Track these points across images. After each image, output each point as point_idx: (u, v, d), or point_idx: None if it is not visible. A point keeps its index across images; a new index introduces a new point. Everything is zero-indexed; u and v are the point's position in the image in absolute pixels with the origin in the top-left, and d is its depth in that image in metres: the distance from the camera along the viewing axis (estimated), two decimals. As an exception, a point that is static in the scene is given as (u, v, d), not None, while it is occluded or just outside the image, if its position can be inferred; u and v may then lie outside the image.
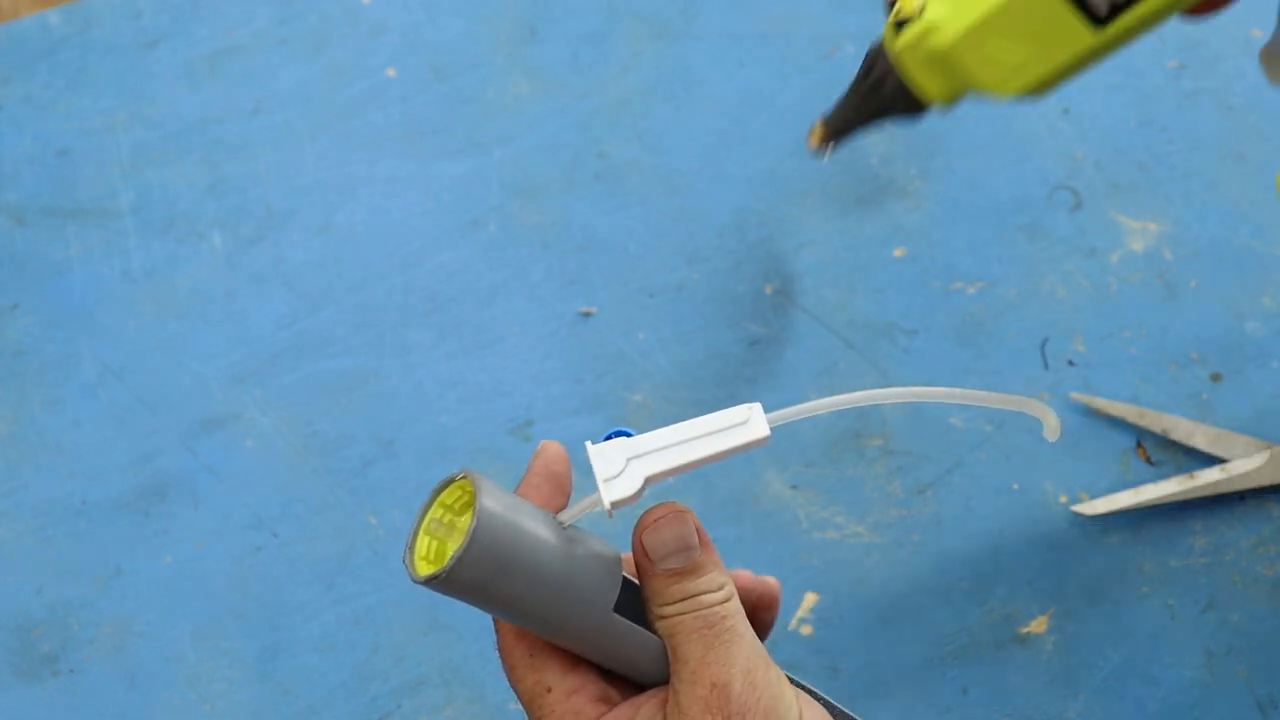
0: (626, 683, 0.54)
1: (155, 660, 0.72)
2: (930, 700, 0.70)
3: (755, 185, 0.85)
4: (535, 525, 0.51)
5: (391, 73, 0.89)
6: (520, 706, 0.54)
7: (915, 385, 0.53)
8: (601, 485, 0.51)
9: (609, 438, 0.52)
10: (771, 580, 0.60)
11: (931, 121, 0.87)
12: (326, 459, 0.77)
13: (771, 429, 0.52)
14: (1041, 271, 0.82)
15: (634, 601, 0.54)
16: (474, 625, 0.73)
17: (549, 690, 0.53)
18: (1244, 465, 0.75)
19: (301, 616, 0.73)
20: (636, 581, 0.55)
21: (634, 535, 0.53)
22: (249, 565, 0.75)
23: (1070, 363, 0.79)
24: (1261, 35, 0.90)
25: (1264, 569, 0.74)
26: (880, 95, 0.45)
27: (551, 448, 0.56)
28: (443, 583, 0.49)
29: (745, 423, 0.51)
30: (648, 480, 0.51)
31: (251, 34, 0.91)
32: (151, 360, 0.80)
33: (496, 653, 0.72)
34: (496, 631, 0.54)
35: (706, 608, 0.52)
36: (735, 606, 0.53)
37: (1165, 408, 0.77)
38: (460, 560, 0.48)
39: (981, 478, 0.76)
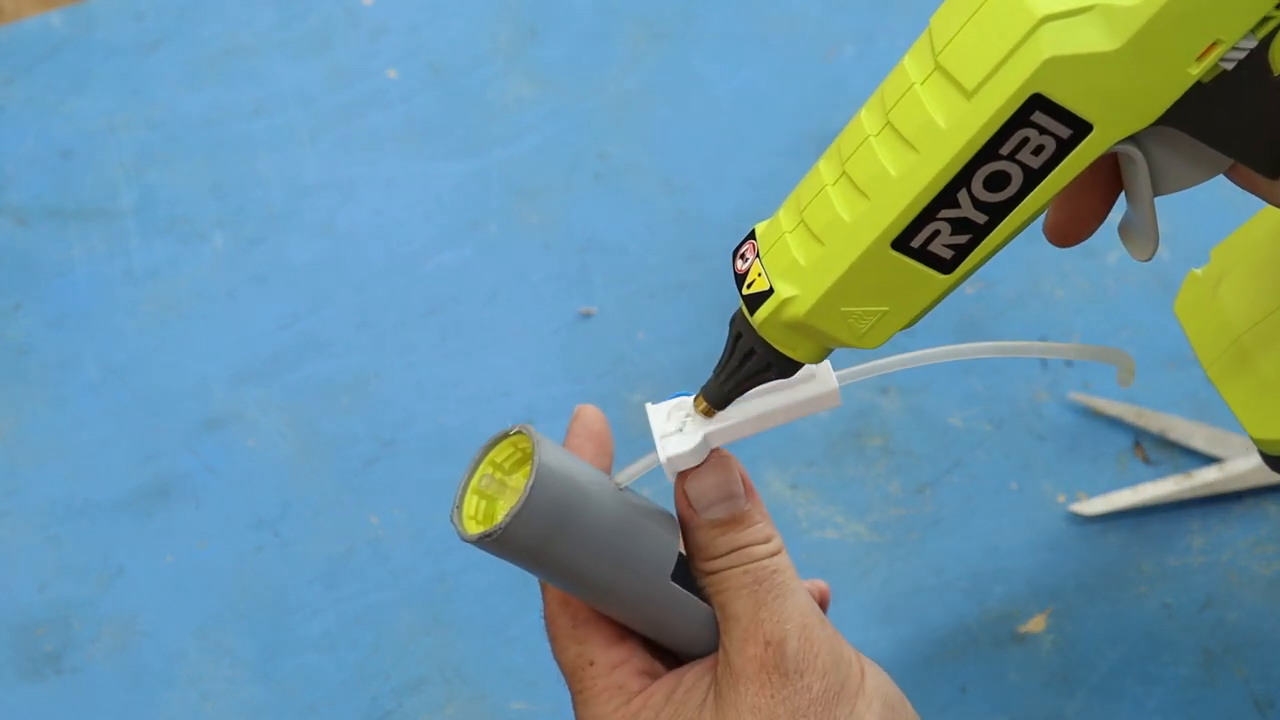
0: (671, 656, 0.52)
1: (157, 659, 0.73)
2: (929, 699, 0.70)
3: (755, 185, 0.86)
4: (593, 485, 0.48)
5: (392, 74, 0.90)
6: (522, 707, 0.54)
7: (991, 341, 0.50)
8: (659, 441, 0.48)
9: (675, 396, 0.49)
10: (822, 584, 0.58)
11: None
12: (327, 458, 0.78)
13: (840, 387, 0.48)
14: (1040, 272, 0.82)
15: (682, 566, 0.51)
16: (475, 624, 0.73)
17: (591, 664, 0.50)
18: (1241, 465, 0.75)
19: (303, 615, 0.74)
20: (683, 551, 0.52)
21: (675, 485, 0.50)
22: (250, 564, 0.75)
23: (1068, 363, 0.79)
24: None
25: (1261, 568, 0.74)
26: (752, 363, 0.47)
27: (588, 410, 0.53)
28: (495, 542, 0.46)
29: (812, 379, 0.48)
30: (707, 439, 0.48)
31: (253, 35, 0.91)
32: (153, 360, 0.81)
33: (501, 650, 0.73)
34: (543, 598, 0.52)
35: (756, 560, 0.49)
36: (785, 561, 0.50)
37: (1163, 407, 0.78)
38: (516, 517, 0.46)
39: (980, 477, 0.76)
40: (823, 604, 0.57)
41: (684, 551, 0.51)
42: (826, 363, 0.48)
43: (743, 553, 0.49)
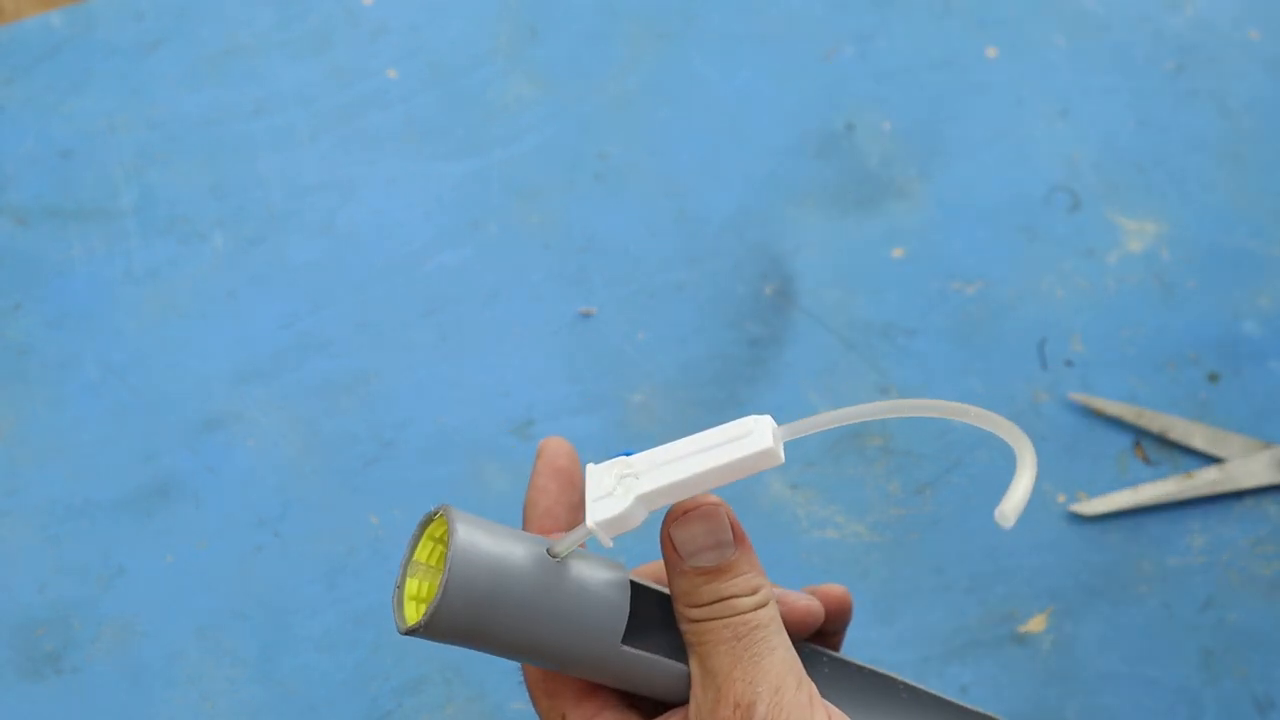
0: (648, 702, 0.51)
1: (157, 659, 0.73)
2: (929, 699, 0.70)
3: (755, 185, 0.86)
4: (522, 559, 0.46)
5: (392, 74, 0.90)
6: (522, 707, 0.55)
7: (923, 399, 0.48)
8: (589, 505, 0.47)
9: (617, 457, 0.48)
10: (836, 591, 0.56)
11: (931, 122, 0.87)
12: (328, 458, 0.78)
13: (784, 443, 0.46)
14: (1040, 272, 0.82)
15: (660, 605, 0.50)
16: (474, 624, 0.73)
17: (563, 717, 0.50)
18: (1242, 465, 0.75)
19: (303, 615, 0.74)
20: (660, 589, 0.50)
21: (662, 527, 0.49)
22: (250, 564, 0.75)
23: (1068, 363, 0.79)
24: (1259, 37, 0.90)
25: (1262, 568, 0.74)
26: None
27: (552, 443, 0.53)
28: (425, 632, 0.46)
29: (749, 435, 0.46)
30: (641, 499, 0.46)
31: (253, 35, 0.91)
32: (153, 360, 0.81)
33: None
34: None
35: (737, 614, 0.48)
36: (770, 614, 0.48)
37: (1163, 407, 0.78)
38: (436, 612, 0.45)
39: (980, 477, 0.76)
40: (843, 612, 0.55)
41: (650, 600, 0.50)
42: (766, 419, 0.46)
43: (726, 604, 0.48)
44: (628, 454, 0.48)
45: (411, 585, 0.48)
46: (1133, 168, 0.86)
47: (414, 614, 0.47)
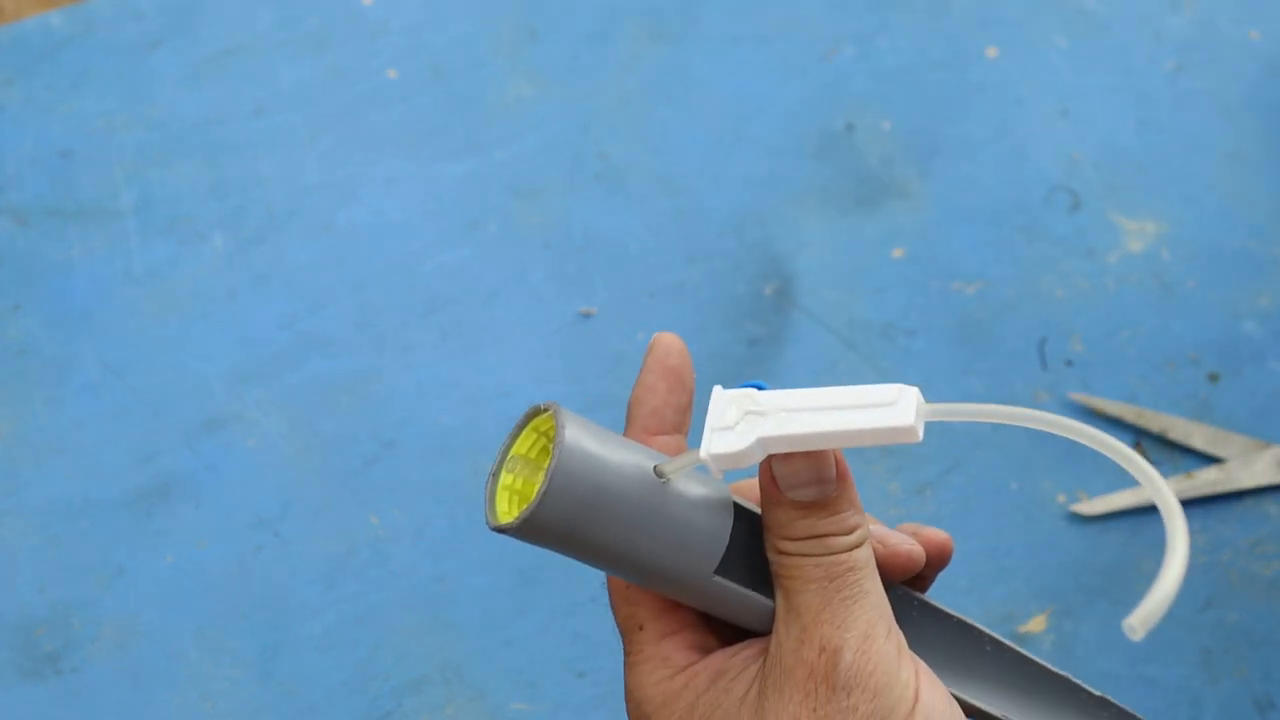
0: (728, 628, 0.48)
1: (157, 659, 0.73)
2: (929, 699, 0.70)
3: (755, 185, 0.86)
4: (628, 470, 0.44)
5: (392, 74, 0.90)
6: (522, 707, 0.54)
7: (1093, 429, 0.43)
8: (707, 434, 0.44)
9: (746, 386, 0.45)
10: (938, 536, 0.52)
11: (931, 122, 0.87)
12: (328, 458, 0.78)
13: (924, 423, 0.43)
14: (1040, 272, 0.82)
15: (753, 532, 0.47)
16: (475, 624, 0.73)
17: (641, 628, 0.47)
18: (1242, 465, 0.75)
19: (303, 615, 0.74)
20: (757, 511, 0.47)
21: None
22: (250, 564, 0.75)
23: (1068, 363, 0.79)
24: (1259, 37, 0.90)
25: (1262, 568, 0.74)
26: None
27: (664, 339, 0.49)
28: (518, 531, 0.43)
29: (890, 405, 0.43)
30: (762, 442, 0.43)
31: (253, 35, 0.91)
32: (153, 360, 0.81)
33: (501, 650, 0.73)
34: None
35: (832, 554, 0.45)
36: (866, 556, 0.45)
37: (1163, 408, 0.78)
38: (535, 511, 0.42)
39: (980, 477, 0.76)
40: (941, 558, 0.52)
41: (734, 535, 0.47)
42: (913, 391, 0.43)
43: (820, 541, 0.45)
44: (759, 387, 0.45)
45: (507, 479, 0.45)
46: (1133, 168, 0.86)
47: (508, 509, 0.45)
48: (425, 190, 0.86)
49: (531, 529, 0.43)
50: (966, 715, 0.47)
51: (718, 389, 0.45)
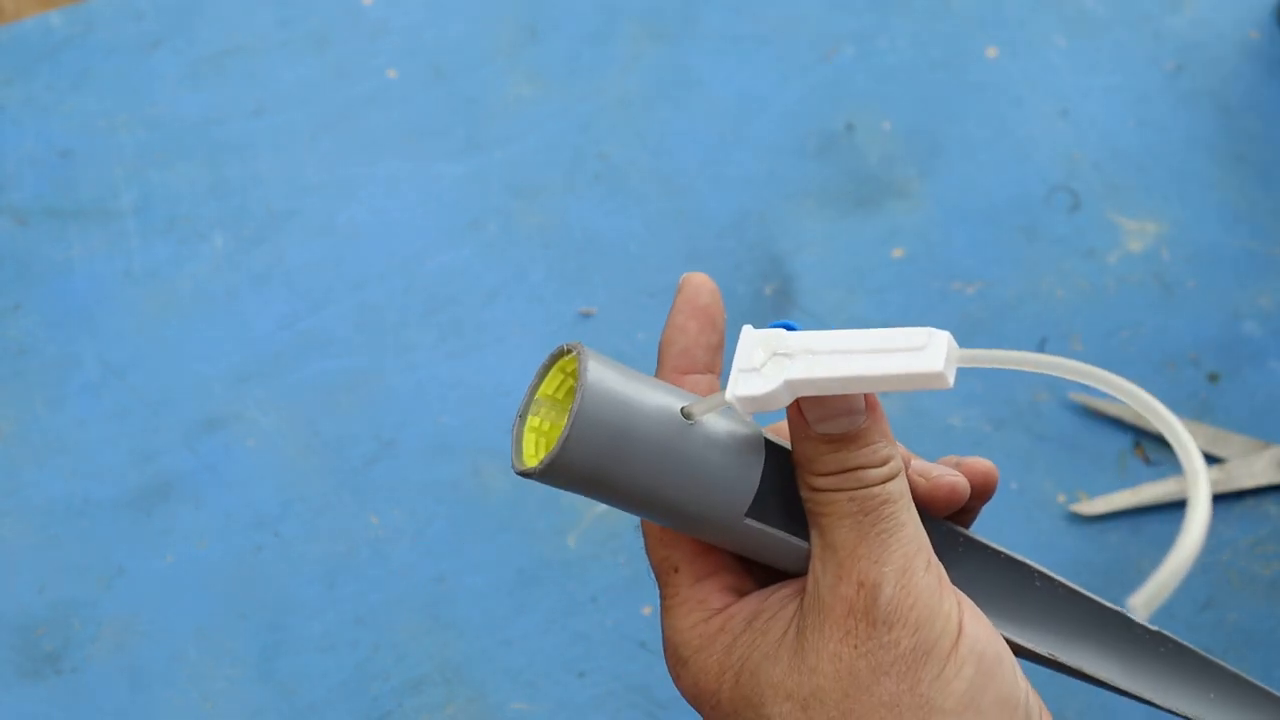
0: (763, 569, 0.47)
1: (157, 659, 0.73)
2: (929, 699, 0.70)
3: (755, 186, 0.86)
4: (655, 409, 0.43)
5: (392, 74, 0.90)
6: (522, 707, 0.54)
7: (1127, 381, 0.41)
8: (733, 375, 0.43)
9: (776, 326, 0.44)
10: (981, 465, 0.50)
11: (931, 122, 0.87)
12: (328, 458, 0.78)
13: (955, 369, 0.41)
14: (1040, 272, 0.82)
15: (786, 470, 0.46)
16: (475, 624, 0.73)
17: (676, 570, 0.46)
18: (1242, 465, 0.75)
19: (303, 615, 0.74)
20: (788, 446, 0.46)
21: None
22: (250, 564, 0.75)
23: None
24: (1259, 36, 0.90)
25: (1262, 568, 0.74)
26: None
27: (694, 279, 0.49)
28: (544, 474, 0.42)
29: (921, 349, 0.41)
30: (790, 385, 0.42)
31: (253, 35, 0.91)
32: (153, 360, 0.81)
33: (501, 650, 0.73)
34: None
35: (865, 486, 0.43)
36: (900, 488, 0.44)
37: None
38: (562, 449, 0.41)
39: (980, 477, 0.76)
40: (986, 489, 0.50)
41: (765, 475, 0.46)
42: (944, 335, 0.42)
43: (852, 475, 0.43)
44: (789, 327, 0.44)
45: (534, 421, 0.44)
46: (1133, 168, 0.86)
47: (534, 452, 0.44)
48: (425, 190, 0.86)
49: (556, 472, 0.42)
50: (1015, 655, 0.46)
51: (747, 328, 0.44)
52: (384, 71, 0.90)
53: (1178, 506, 0.75)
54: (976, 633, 0.44)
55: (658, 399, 0.43)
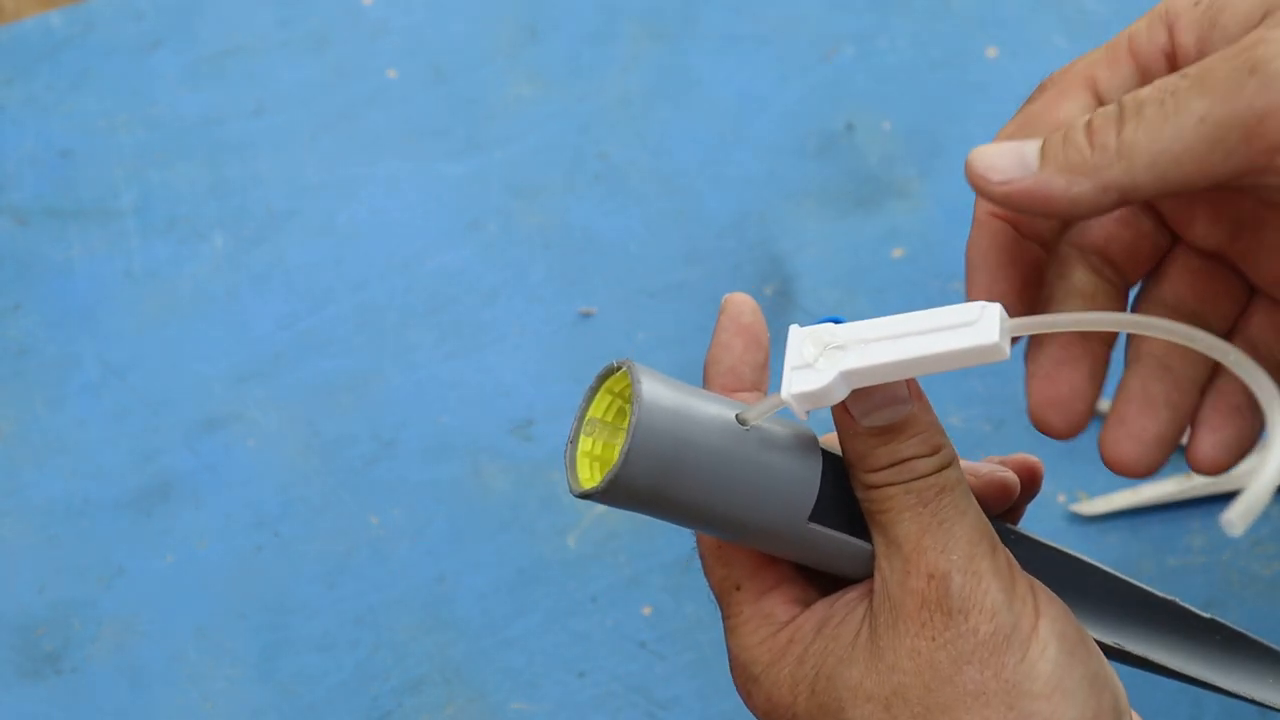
0: (826, 578, 0.46)
1: (157, 659, 0.73)
2: (929, 699, 0.70)
3: (755, 185, 0.86)
4: (710, 421, 0.42)
5: (392, 74, 0.90)
6: (522, 707, 0.54)
7: (1183, 325, 0.40)
8: (786, 374, 0.42)
9: (823, 322, 0.43)
10: (1030, 461, 0.51)
11: (931, 122, 0.87)
12: (327, 458, 0.78)
13: (1011, 340, 0.40)
14: (1040, 272, 0.82)
15: (839, 476, 0.45)
16: (475, 624, 0.73)
17: (738, 588, 0.45)
18: (1242, 465, 0.75)
19: (303, 615, 0.74)
20: (838, 452, 0.45)
21: None
22: (250, 564, 0.75)
23: (1069, 363, 0.79)
24: (1260, 36, 0.90)
25: (1262, 568, 0.74)
26: None
27: (736, 299, 0.47)
28: (604, 495, 0.42)
29: (973, 324, 0.40)
30: (844, 376, 0.41)
31: (253, 35, 0.91)
32: (153, 360, 0.81)
33: (501, 650, 0.73)
34: None
35: (920, 477, 0.42)
36: (956, 475, 0.43)
37: (1163, 408, 0.78)
38: (622, 467, 0.41)
39: (980, 477, 0.76)
40: (1032, 485, 0.50)
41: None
42: (995, 308, 0.40)
43: (905, 467, 0.42)
44: (836, 321, 0.43)
45: (585, 444, 0.44)
46: (1133, 168, 0.86)
47: (589, 475, 0.43)
48: (425, 190, 0.86)
49: (617, 490, 0.41)
50: None
51: (794, 327, 0.43)
52: (384, 71, 0.90)
53: (1178, 506, 0.75)
54: (1054, 613, 0.43)
55: (712, 409, 0.43)
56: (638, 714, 0.71)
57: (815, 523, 0.44)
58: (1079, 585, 0.49)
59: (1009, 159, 0.41)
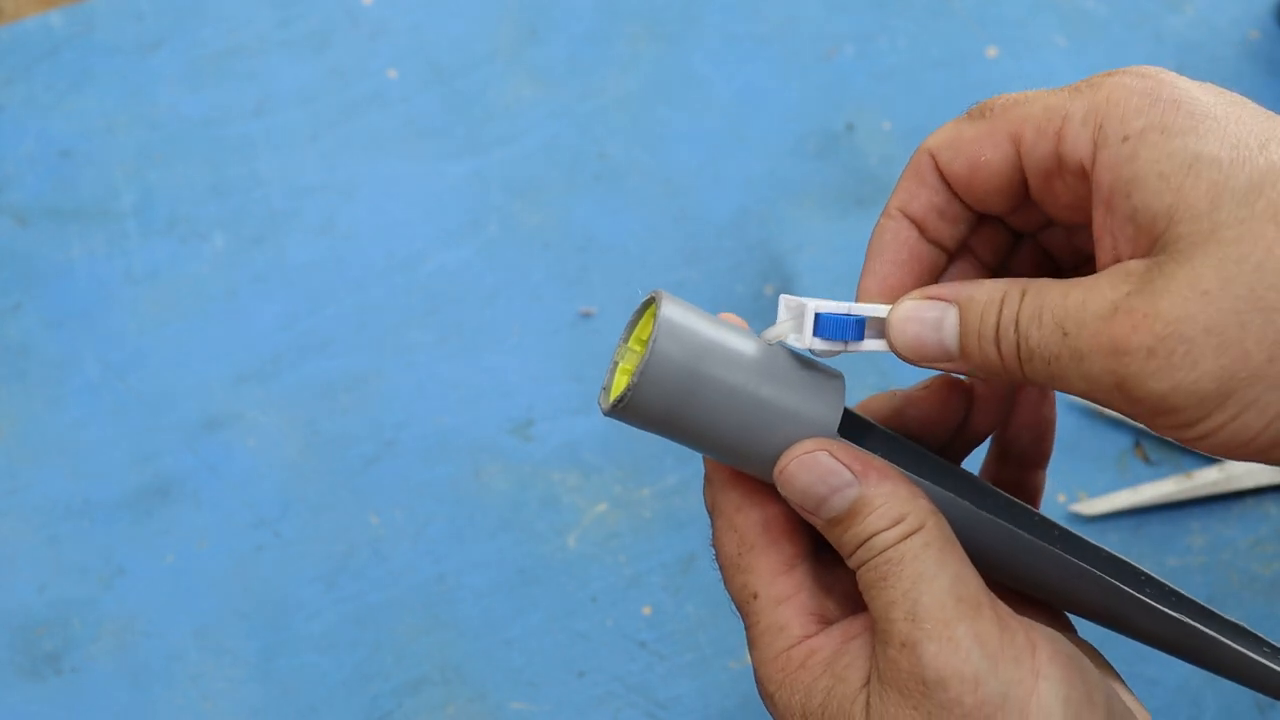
0: (846, 596, 0.47)
1: (157, 659, 0.73)
2: (929, 699, 0.70)
3: (755, 185, 0.86)
4: (731, 339, 0.44)
5: (393, 74, 0.90)
6: (522, 707, 0.54)
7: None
8: (806, 302, 0.44)
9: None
10: (1039, 413, 0.49)
11: (931, 122, 0.87)
12: (328, 458, 0.78)
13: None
14: (1040, 272, 0.82)
15: (852, 423, 0.46)
16: (475, 624, 0.73)
17: (755, 596, 0.45)
18: (1241, 465, 0.75)
19: (303, 615, 0.74)
20: (869, 421, 0.47)
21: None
22: (250, 564, 0.75)
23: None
24: (1259, 36, 0.90)
25: (1261, 568, 0.74)
26: None
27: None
28: (624, 410, 0.42)
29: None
30: (812, 308, 0.44)
31: (253, 35, 0.91)
32: (153, 360, 0.81)
33: (501, 650, 0.73)
34: (712, 525, 0.47)
35: (879, 553, 0.43)
36: (923, 541, 0.42)
37: (1163, 408, 0.78)
38: (640, 380, 0.42)
39: (980, 477, 0.76)
40: (1042, 448, 0.50)
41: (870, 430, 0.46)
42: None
43: (867, 546, 0.43)
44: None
45: (624, 367, 0.45)
46: (1133, 168, 0.86)
47: (620, 390, 0.44)
48: (426, 190, 0.86)
49: (640, 400, 0.42)
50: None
51: (783, 295, 0.46)
52: (384, 71, 0.90)
53: (1178, 506, 0.75)
54: (1057, 673, 0.41)
55: (735, 332, 0.44)
56: (638, 714, 0.71)
57: (844, 437, 0.44)
58: (1124, 574, 0.49)
59: (930, 336, 0.43)
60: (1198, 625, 0.48)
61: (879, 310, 0.45)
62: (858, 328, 0.44)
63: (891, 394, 0.50)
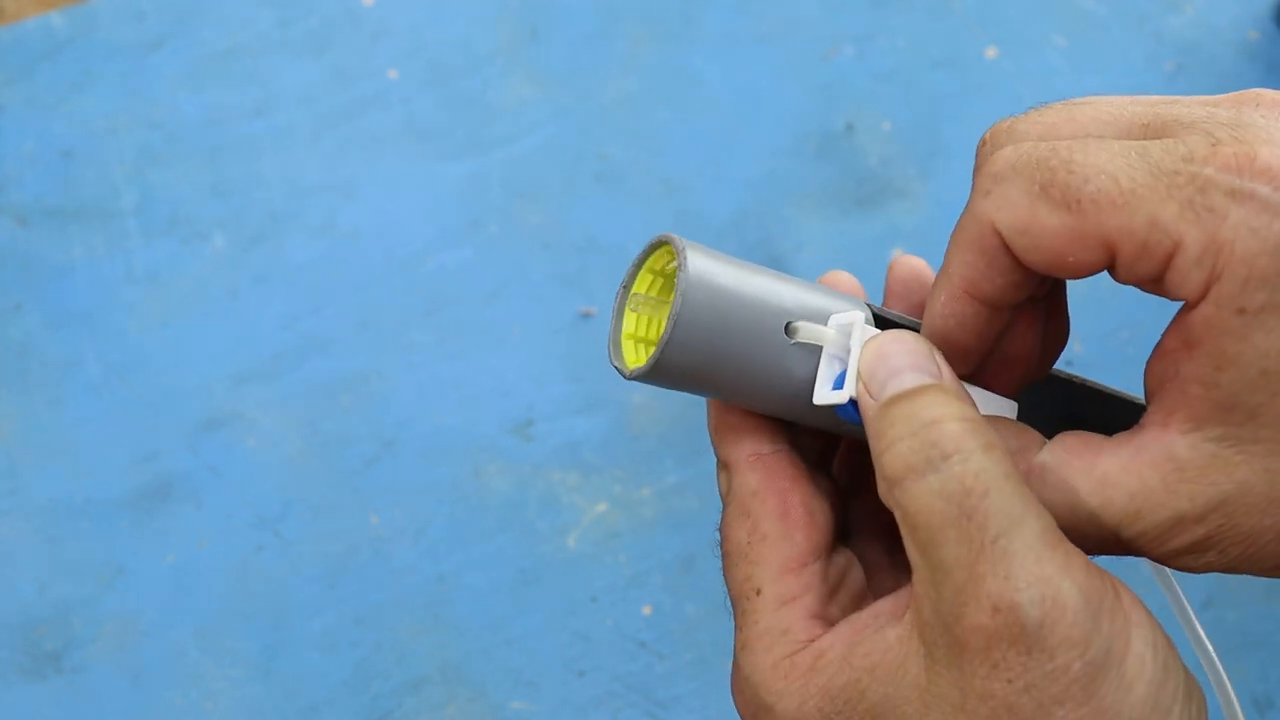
0: (851, 597, 0.42)
1: (158, 658, 0.73)
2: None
3: (755, 185, 0.86)
4: (761, 289, 0.39)
5: (393, 74, 0.90)
6: (522, 707, 0.54)
7: None
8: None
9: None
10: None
11: (931, 122, 0.87)
12: (328, 458, 0.78)
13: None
14: (1040, 272, 0.82)
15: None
16: (475, 624, 0.73)
17: (758, 592, 0.40)
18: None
19: (303, 615, 0.74)
20: (909, 320, 0.43)
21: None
22: (251, 564, 0.75)
23: (1069, 363, 0.79)
24: (1259, 37, 0.90)
25: (1261, 568, 0.74)
26: None
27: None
28: (648, 377, 0.39)
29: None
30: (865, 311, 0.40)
31: (254, 36, 0.91)
32: (154, 360, 0.81)
33: (501, 650, 0.73)
34: (723, 510, 0.42)
35: (953, 474, 0.34)
36: (1001, 472, 0.35)
37: (1163, 407, 0.78)
38: (665, 348, 0.38)
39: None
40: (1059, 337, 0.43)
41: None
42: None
43: (929, 433, 0.35)
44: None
45: (630, 322, 0.41)
46: (1133, 168, 0.86)
47: (634, 354, 0.41)
48: (425, 190, 0.86)
49: (666, 365, 0.39)
50: None
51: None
52: (385, 72, 0.90)
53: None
54: (1143, 618, 0.36)
55: (763, 278, 0.40)
56: (638, 714, 0.71)
57: None
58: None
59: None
60: None
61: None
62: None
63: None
